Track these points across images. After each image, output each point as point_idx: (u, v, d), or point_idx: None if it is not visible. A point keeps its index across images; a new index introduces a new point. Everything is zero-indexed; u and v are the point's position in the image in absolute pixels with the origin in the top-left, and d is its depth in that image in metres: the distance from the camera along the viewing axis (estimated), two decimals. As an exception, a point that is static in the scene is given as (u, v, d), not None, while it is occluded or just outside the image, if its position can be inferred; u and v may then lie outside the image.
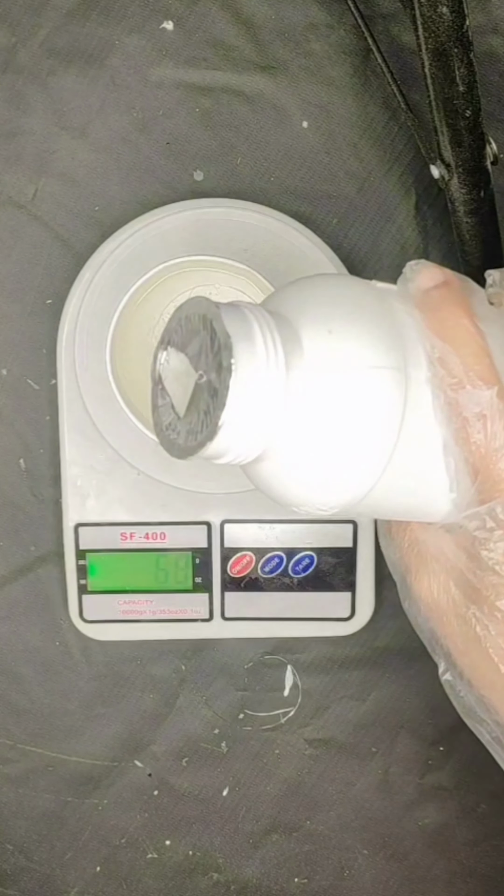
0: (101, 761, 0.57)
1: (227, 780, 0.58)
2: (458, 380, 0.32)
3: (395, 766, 0.58)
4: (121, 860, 0.58)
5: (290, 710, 0.58)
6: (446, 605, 0.33)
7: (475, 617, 0.32)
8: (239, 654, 0.57)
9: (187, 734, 0.58)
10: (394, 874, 0.58)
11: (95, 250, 0.53)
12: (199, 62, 0.55)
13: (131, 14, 0.55)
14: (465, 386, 0.32)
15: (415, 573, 0.34)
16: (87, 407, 0.52)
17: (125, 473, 0.53)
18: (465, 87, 0.43)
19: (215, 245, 0.52)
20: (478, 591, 0.31)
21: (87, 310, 0.52)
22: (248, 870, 0.58)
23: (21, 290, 0.54)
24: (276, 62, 0.55)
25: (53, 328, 0.53)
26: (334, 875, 0.58)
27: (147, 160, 0.55)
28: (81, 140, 0.55)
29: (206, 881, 0.58)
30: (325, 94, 0.55)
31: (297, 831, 0.58)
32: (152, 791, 0.58)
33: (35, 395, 0.55)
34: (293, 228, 0.52)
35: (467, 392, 0.32)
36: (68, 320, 0.52)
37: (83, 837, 0.58)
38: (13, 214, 0.55)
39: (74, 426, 0.53)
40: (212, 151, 0.56)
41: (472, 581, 0.32)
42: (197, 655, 0.57)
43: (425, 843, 0.58)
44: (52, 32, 0.55)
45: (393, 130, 0.56)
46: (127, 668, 0.57)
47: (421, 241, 0.56)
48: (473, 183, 0.48)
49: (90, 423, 0.53)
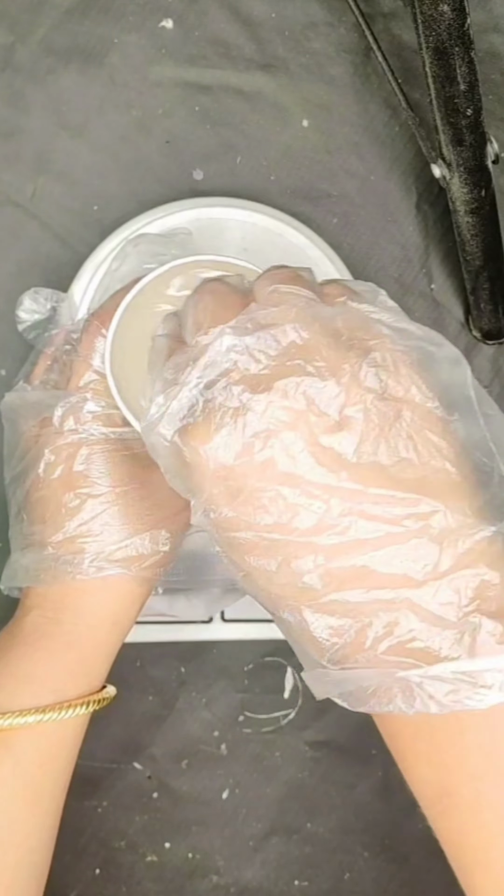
0: (100, 763, 0.57)
1: (226, 783, 0.58)
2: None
3: (395, 769, 0.57)
4: (120, 862, 0.58)
5: (291, 713, 0.57)
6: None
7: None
8: (239, 656, 0.57)
9: (187, 736, 0.57)
10: (394, 877, 0.58)
11: (95, 250, 0.53)
12: (198, 60, 0.55)
13: (130, 12, 0.54)
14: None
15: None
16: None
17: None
18: (466, 85, 0.43)
19: (215, 245, 0.51)
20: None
21: (86, 310, 0.52)
22: (248, 872, 0.58)
23: (20, 289, 0.54)
24: (276, 60, 0.55)
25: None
26: (335, 878, 0.58)
27: (146, 159, 0.55)
28: (80, 139, 0.55)
29: (206, 884, 0.58)
30: (326, 92, 0.55)
31: (298, 834, 0.58)
32: (152, 793, 0.58)
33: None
34: (293, 228, 0.52)
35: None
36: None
37: (82, 840, 0.58)
38: (12, 214, 0.55)
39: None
40: (211, 150, 0.55)
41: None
42: (197, 657, 0.57)
43: (426, 846, 0.58)
44: (51, 31, 0.54)
45: (394, 129, 0.55)
46: (127, 669, 0.57)
47: (421, 240, 0.56)
48: (474, 182, 0.47)
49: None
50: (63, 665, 0.41)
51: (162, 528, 0.43)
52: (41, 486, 0.43)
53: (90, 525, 0.42)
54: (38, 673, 0.41)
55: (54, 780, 0.41)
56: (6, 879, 0.39)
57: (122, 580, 0.42)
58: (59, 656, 0.41)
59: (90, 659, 0.42)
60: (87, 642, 0.42)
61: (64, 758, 0.41)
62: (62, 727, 0.40)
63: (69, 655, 0.41)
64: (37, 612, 0.42)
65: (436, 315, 0.57)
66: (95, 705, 0.41)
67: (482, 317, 0.55)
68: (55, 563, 0.42)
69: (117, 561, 0.42)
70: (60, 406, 0.43)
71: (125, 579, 0.42)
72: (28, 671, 0.41)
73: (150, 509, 0.42)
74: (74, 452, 0.42)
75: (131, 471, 0.42)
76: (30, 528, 0.43)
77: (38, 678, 0.41)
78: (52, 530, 0.42)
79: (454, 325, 0.57)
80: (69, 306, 0.51)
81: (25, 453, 0.44)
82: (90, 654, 0.42)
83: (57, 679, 0.41)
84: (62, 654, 0.41)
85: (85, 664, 0.42)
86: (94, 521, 0.42)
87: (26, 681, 0.41)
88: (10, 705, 0.40)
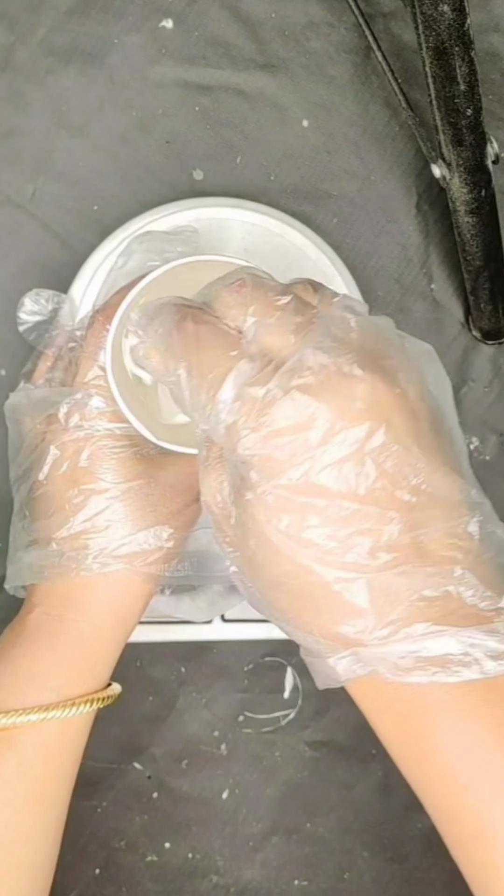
0: (100, 763, 0.57)
1: (226, 783, 0.58)
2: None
3: (395, 769, 0.58)
4: (120, 862, 0.58)
5: (290, 713, 0.57)
6: (223, 500, 0.35)
7: (242, 506, 0.33)
8: (239, 656, 0.57)
9: (187, 736, 0.57)
10: (394, 876, 0.58)
11: (94, 250, 0.53)
12: (198, 60, 0.55)
13: (130, 12, 0.54)
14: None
15: (202, 478, 0.36)
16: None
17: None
18: (466, 85, 0.43)
19: (215, 245, 0.51)
20: (244, 479, 0.33)
21: (87, 309, 0.52)
22: (247, 872, 0.58)
23: (19, 289, 0.54)
24: (277, 60, 0.55)
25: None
26: (334, 877, 0.58)
27: (146, 159, 0.55)
28: (80, 139, 0.55)
29: (206, 884, 0.58)
30: (326, 92, 0.55)
31: (297, 834, 0.58)
32: (152, 793, 0.58)
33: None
34: (293, 228, 0.52)
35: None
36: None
37: (82, 840, 0.58)
38: (12, 214, 0.55)
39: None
40: (211, 150, 0.55)
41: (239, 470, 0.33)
42: (197, 657, 0.57)
43: (425, 846, 0.58)
44: (51, 31, 0.54)
45: (394, 129, 0.55)
46: (127, 669, 0.57)
47: (422, 240, 0.56)
48: (474, 182, 0.47)
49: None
50: (67, 662, 0.41)
51: (166, 524, 0.43)
52: (46, 482, 0.43)
53: (94, 521, 0.42)
54: (41, 671, 0.41)
55: (59, 778, 0.41)
56: (10, 879, 0.39)
57: (126, 576, 0.42)
58: (62, 654, 0.41)
59: (94, 656, 0.42)
60: (91, 639, 0.42)
61: (69, 756, 0.41)
62: (66, 725, 0.40)
63: (73, 653, 0.41)
64: (40, 610, 0.42)
65: (436, 315, 0.57)
66: (100, 703, 0.41)
67: (482, 317, 0.55)
68: (59, 559, 0.42)
69: (121, 557, 0.42)
70: (66, 403, 0.43)
71: (129, 575, 0.42)
72: (31, 669, 0.41)
73: (155, 505, 0.42)
74: (79, 449, 0.42)
75: (136, 467, 0.42)
76: (34, 525, 0.43)
77: (41, 676, 0.41)
78: (57, 526, 0.42)
79: (454, 325, 0.57)
80: (70, 307, 0.51)
81: (31, 450, 0.44)
82: (94, 652, 0.42)
83: (60, 677, 0.41)
84: (66, 651, 0.41)
85: (89, 661, 0.42)
86: (98, 517, 0.42)
87: (30, 679, 0.41)
88: (14, 703, 0.40)
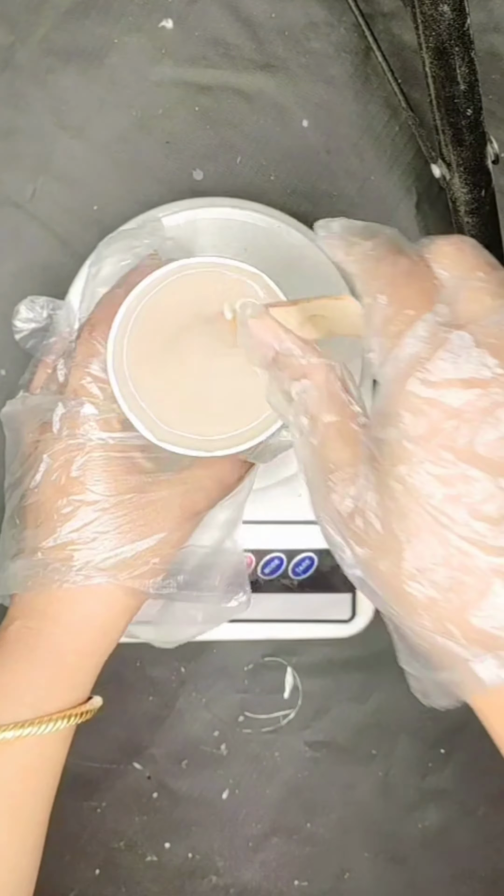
0: (99, 763, 0.57)
1: (226, 783, 0.58)
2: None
3: (395, 769, 0.58)
4: (120, 863, 0.58)
5: (291, 713, 0.57)
6: (357, 492, 0.33)
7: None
8: (239, 656, 0.57)
9: (187, 736, 0.57)
10: (394, 877, 0.58)
11: (94, 250, 0.53)
12: (198, 60, 0.55)
13: (130, 12, 0.54)
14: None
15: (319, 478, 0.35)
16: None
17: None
18: (466, 85, 0.43)
19: (215, 245, 0.51)
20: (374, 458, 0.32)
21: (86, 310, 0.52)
22: (247, 873, 0.58)
23: (19, 290, 0.54)
24: (276, 60, 0.55)
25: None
26: (335, 878, 0.58)
27: (146, 159, 0.55)
28: (80, 139, 0.55)
29: (206, 884, 0.58)
30: (326, 92, 0.55)
31: (298, 834, 0.58)
32: (151, 793, 0.58)
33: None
34: (293, 228, 0.52)
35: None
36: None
37: (82, 840, 0.58)
38: (11, 214, 0.55)
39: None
40: (211, 150, 0.55)
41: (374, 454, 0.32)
42: (197, 657, 0.57)
43: (425, 846, 0.58)
44: (51, 31, 0.54)
45: (394, 129, 0.55)
46: (127, 669, 0.57)
47: (422, 240, 0.56)
48: (474, 182, 0.47)
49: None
50: (43, 677, 0.40)
51: (155, 539, 0.42)
52: (36, 491, 0.42)
53: (81, 532, 0.41)
54: (17, 686, 0.40)
55: (37, 795, 0.40)
56: None
57: (110, 590, 0.42)
58: (39, 668, 0.41)
59: (73, 670, 0.41)
60: (70, 653, 0.41)
61: (46, 772, 0.41)
62: (43, 741, 0.40)
63: (50, 668, 0.41)
64: (19, 623, 0.41)
65: (436, 315, 0.57)
66: (77, 718, 0.40)
67: (482, 317, 0.55)
68: (44, 569, 0.41)
69: (106, 570, 0.41)
70: (57, 411, 0.42)
71: (113, 590, 0.42)
72: (8, 685, 0.40)
73: (145, 519, 0.42)
74: (71, 458, 0.42)
75: (129, 480, 0.42)
76: (22, 534, 0.43)
77: (17, 691, 0.40)
78: (44, 536, 0.42)
79: (454, 326, 0.57)
80: (67, 313, 0.50)
81: (24, 459, 0.43)
82: (73, 666, 0.41)
83: (37, 692, 0.40)
84: (43, 666, 0.41)
85: (67, 676, 0.41)
86: (86, 529, 0.41)
87: (5, 695, 0.40)
88: None
